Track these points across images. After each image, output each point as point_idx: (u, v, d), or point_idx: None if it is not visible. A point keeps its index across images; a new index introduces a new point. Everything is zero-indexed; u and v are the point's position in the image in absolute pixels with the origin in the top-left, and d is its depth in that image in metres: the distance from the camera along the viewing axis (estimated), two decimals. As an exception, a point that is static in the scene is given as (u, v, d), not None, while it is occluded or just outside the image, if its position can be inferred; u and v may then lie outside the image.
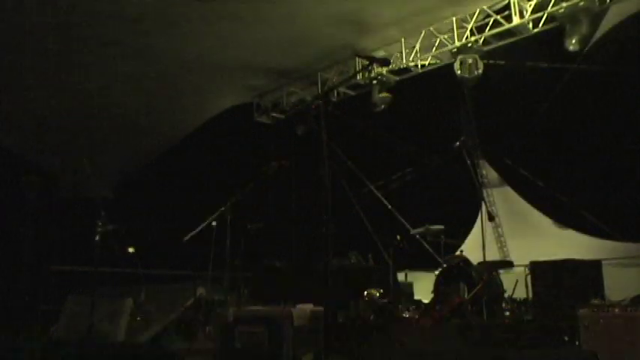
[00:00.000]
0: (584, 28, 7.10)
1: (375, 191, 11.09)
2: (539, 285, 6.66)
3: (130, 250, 7.42)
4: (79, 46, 8.07)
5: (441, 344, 5.58)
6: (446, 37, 8.71)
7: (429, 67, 9.48)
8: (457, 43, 8.43)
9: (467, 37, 8.39)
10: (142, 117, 10.22)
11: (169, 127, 10.88)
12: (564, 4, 7.36)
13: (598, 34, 8.02)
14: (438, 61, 9.44)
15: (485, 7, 8.11)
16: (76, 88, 9.10)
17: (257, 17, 7.85)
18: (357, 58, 9.46)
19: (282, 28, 8.22)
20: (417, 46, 9.01)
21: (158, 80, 9.34)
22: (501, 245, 10.84)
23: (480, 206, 10.04)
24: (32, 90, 8.99)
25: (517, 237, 10.61)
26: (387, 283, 7.99)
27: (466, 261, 7.56)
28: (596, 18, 7.61)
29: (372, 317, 7.47)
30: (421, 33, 8.78)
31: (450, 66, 8.77)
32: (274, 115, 11.21)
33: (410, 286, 8.80)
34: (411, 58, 9.15)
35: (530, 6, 7.79)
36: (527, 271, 7.01)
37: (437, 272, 7.52)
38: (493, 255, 9.57)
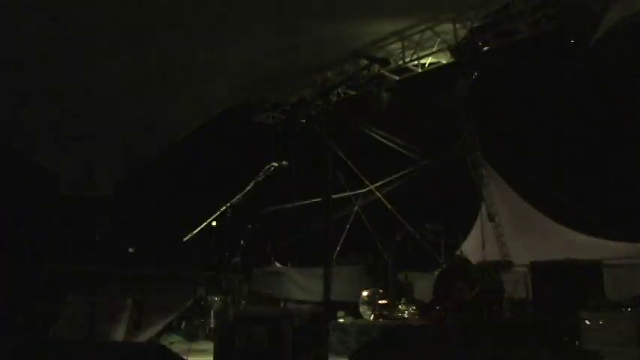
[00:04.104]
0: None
1: (375, 191, 11.09)
2: (539, 285, 6.66)
3: (130, 250, 7.42)
4: (79, 46, 8.07)
5: (441, 344, 5.57)
6: (446, 37, 8.72)
7: (429, 67, 9.49)
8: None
9: (467, 37, 8.40)
10: (142, 117, 10.22)
11: (169, 127, 10.88)
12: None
13: (598, 33, 8.01)
14: (438, 61, 9.46)
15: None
16: (76, 87, 9.10)
17: (257, 17, 7.85)
18: (357, 58, 9.47)
19: (282, 27, 8.22)
20: (417, 46, 9.02)
21: (158, 80, 9.33)
22: (501, 245, 10.82)
23: (480, 206, 10.07)
24: (32, 90, 8.99)
25: (517, 237, 10.58)
26: (387, 283, 8.00)
27: (466, 261, 7.56)
28: (596, 18, 7.61)
29: (371, 317, 7.49)
30: (421, 33, 8.78)
31: (450, 66, 8.79)
32: (274, 115, 11.21)
33: (410, 286, 8.80)
34: (411, 58, 9.16)
35: (529, 6, 7.80)
36: (527, 271, 7.01)
37: (437, 272, 7.53)
38: (493, 255, 9.57)
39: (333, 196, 4.35)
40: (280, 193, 10.25)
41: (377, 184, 11.11)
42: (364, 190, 11.24)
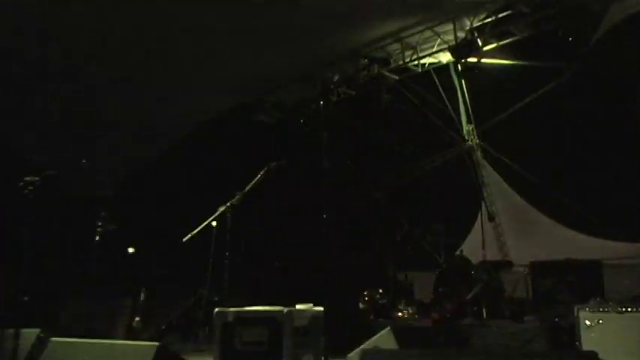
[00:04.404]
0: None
1: (375, 191, 11.07)
2: (539, 285, 6.66)
3: (130, 250, 7.42)
4: (80, 46, 8.07)
5: (442, 344, 5.57)
6: (446, 37, 8.72)
7: (429, 67, 9.49)
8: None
9: (467, 37, 8.40)
10: (142, 117, 10.22)
11: (169, 127, 10.88)
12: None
13: (598, 33, 8.02)
14: (438, 61, 9.45)
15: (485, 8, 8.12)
16: (77, 88, 9.10)
17: (257, 17, 7.85)
18: (357, 58, 9.47)
19: (281, 27, 8.22)
20: (417, 46, 9.02)
21: (158, 80, 9.33)
22: (501, 245, 10.83)
23: (480, 206, 10.07)
24: (33, 90, 8.99)
25: (517, 237, 10.60)
26: (387, 283, 8.00)
27: (466, 261, 7.57)
28: (596, 18, 7.61)
29: (372, 317, 7.48)
30: (421, 33, 8.78)
31: (450, 66, 8.78)
32: (274, 114, 11.19)
33: (410, 286, 8.79)
34: (411, 58, 9.16)
35: (529, 6, 7.80)
36: (527, 271, 7.01)
37: (437, 272, 7.53)
38: (493, 255, 9.57)
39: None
40: (280, 192, 10.25)
41: (377, 184, 11.10)
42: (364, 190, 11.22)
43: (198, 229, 5.93)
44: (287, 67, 9.69)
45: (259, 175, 5.91)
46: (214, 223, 5.91)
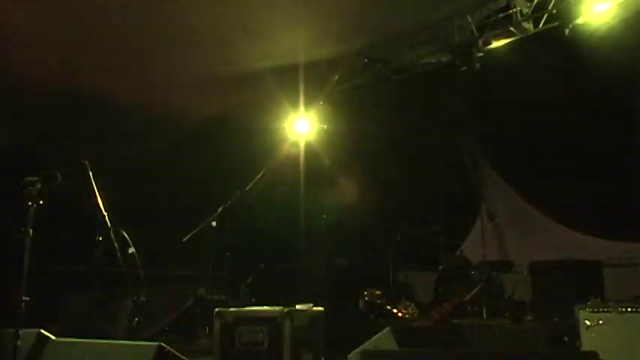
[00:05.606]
0: None
1: (375, 191, 11.08)
2: (539, 285, 6.66)
3: (130, 250, 7.41)
4: (80, 43, 8.07)
5: (441, 344, 5.58)
6: (446, 37, 8.72)
7: (429, 67, 9.49)
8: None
9: (467, 37, 8.41)
10: (142, 117, 10.22)
11: (169, 127, 10.87)
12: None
13: (598, 33, 8.01)
14: (437, 61, 9.46)
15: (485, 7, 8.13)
16: (77, 87, 9.10)
17: (257, 15, 7.86)
18: (357, 58, 9.48)
19: (282, 27, 8.22)
20: (417, 46, 9.03)
21: (159, 80, 9.34)
22: (501, 245, 10.84)
23: (480, 206, 10.09)
24: (33, 90, 8.99)
25: (517, 237, 10.61)
26: (387, 283, 8.01)
27: (466, 261, 7.58)
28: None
29: (372, 317, 7.50)
30: (421, 33, 8.79)
31: (450, 65, 8.79)
32: (274, 114, 11.19)
33: (410, 286, 8.80)
34: (411, 58, 9.16)
35: (530, 6, 7.81)
36: (527, 271, 7.02)
37: (437, 272, 7.54)
38: (493, 255, 9.57)
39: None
40: (280, 193, 10.26)
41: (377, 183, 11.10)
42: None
43: (198, 229, 5.94)
44: (288, 67, 9.69)
45: (259, 175, 5.92)
46: (214, 223, 5.92)
